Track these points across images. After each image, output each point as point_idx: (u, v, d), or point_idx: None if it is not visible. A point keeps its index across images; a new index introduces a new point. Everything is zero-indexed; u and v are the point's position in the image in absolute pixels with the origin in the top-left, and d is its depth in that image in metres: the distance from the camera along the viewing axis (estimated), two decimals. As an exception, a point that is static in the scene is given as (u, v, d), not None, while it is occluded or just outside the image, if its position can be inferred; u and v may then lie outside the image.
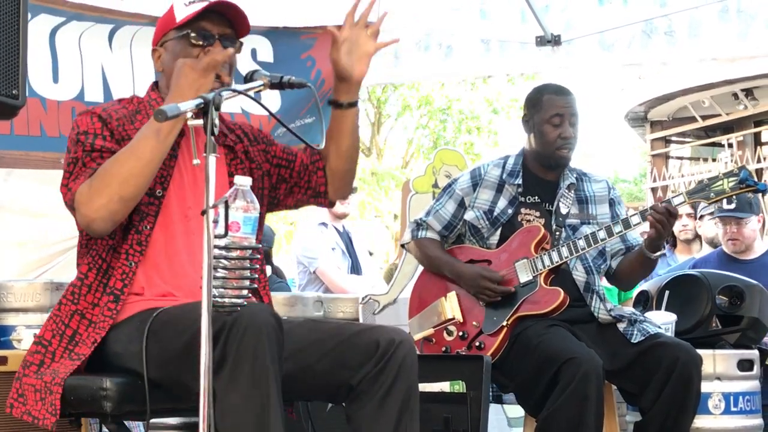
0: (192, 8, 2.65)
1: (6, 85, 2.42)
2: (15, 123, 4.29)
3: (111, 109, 2.65)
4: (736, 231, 5.11)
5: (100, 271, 2.57)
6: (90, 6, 4.52)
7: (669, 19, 5.17)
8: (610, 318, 3.59)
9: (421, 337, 3.70)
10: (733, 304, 4.19)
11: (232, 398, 2.23)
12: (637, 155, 21.66)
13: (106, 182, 2.47)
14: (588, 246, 3.58)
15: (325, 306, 4.69)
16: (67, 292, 2.59)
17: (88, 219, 2.48)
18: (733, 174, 3.49)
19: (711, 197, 3.53)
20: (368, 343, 2.49)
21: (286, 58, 5.05)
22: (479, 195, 3.76)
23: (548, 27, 5.30)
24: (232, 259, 2.25)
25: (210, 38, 2.65)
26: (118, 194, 2.46)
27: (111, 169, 2.48)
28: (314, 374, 2.51)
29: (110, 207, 2.47)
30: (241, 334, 2.24)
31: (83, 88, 4.51)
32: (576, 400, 3.24)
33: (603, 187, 3.83)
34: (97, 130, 2.57)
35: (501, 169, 3.79)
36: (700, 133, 14.32)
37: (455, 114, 18.31)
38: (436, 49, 5.54)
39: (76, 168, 2.55)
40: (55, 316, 2.58)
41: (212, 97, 2.24)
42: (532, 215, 3.71)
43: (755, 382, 4.09)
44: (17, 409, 2.52)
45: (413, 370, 2.51)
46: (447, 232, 3.81)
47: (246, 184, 2.28)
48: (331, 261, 5.60)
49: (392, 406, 2.45)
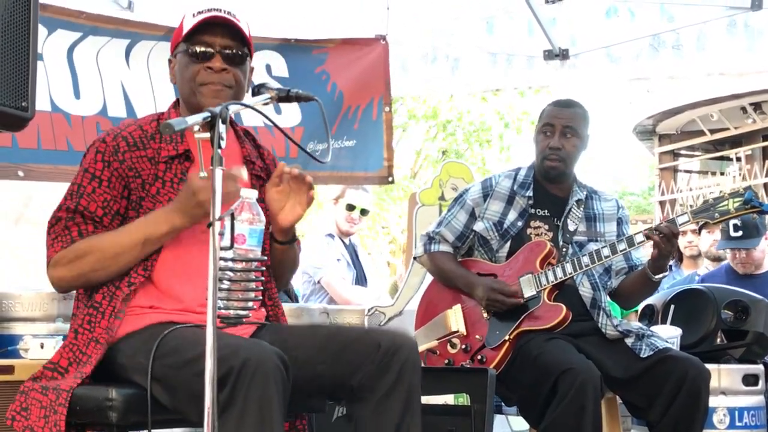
0: (195, 19, 2.65)
1: (15, 98, 2.43)
2: (42, 138, 4.40)
3: (125, 133, 2.66)
4: (745, 257, 5.13)
5: (114, 298, 2.59)
6: (105, 17, 4.58)
7: (677, 33, 5.19)
8: (618, 334, 3.60)
9: (425, 349, 3.71)
10: (739, 318, 4.19)
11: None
12: (646, 168, 21.61)
13: (77, 265, 2.58)
14: (592, 263, 3.58)
15: (330, 317, 4.68)
16: (83, 321, 2.59)
17: (53, 283, 2.64)
18: (738, 195, 3.49)
19: (716, 217, 3.52)
20: (370, 344, 2.51)
21: (300, 73, 5.10)
22: (489, 206, 3.76)
23: (555, 40, 5.32)
24: (237, 271, 2.26)
25: (210, 52, 2.64)
26: (85, 278, 2.60)
27: (86, 255, 2.57)
28: (315, 375, 2.53)
29: (73, 284, 2.64)
30: (248, 380, 2.25)
31: (105, 104, 4.60)
32: (573, 411, 3.24)
33: (612, 206, 3.83)
34: (97, 171, 2.61)
35: (512, 180, 3.79)
36: (709, 146, 14.30)
37: (466, 126, 18.28)
38: (443, 62, 5.56)
39: (57, 227, 2.61)
40: (72, 345, 2.59)
41: (219, 110, 2.25)
42: (541, 229, 3.72)
43: (760, 397, 4.09)
44: (19, 422, 2.51)
45: (416, 371, 2.52)
46: (460, 243, 3.81)
47: (252, 196, 2.29)
48: (336, 272, 5.61)
49: (395, 405, 2.46)
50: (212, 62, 2.64)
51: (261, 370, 2.26)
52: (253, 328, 2.67)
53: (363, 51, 5.28)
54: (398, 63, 5.46)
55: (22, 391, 2.55)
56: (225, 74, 2.64)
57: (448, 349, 3.71)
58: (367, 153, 5.30)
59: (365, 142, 5.28)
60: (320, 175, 5.37)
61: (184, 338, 2.44)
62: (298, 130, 5.07)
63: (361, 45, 5.29)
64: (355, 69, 5.28)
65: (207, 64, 2.64)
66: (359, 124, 5.25)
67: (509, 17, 5.40)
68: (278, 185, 2.65)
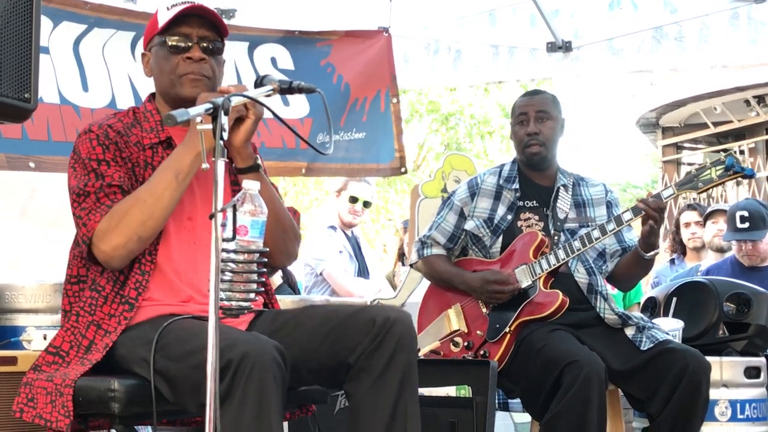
0: (172, 12, 2.68)
1: (18, 89, 2.44)
2: (51, 130, 4.42)
3: (106, 125, 2.68)
4: (751, 249, 5.12)
5: (117, 282, 2.60)
6: (109, 8, 4.60)
7: (679, 25, 5.19)
8: (617, 318, 3.61)
9: (428, 350, 3.73)
10: (741, 311, 4.19)
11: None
12: (649, 161, 21.62)
13: (125, 223, 2.52)
14: (583, 246, 3.60)
15: (333, 310, 4.70)
16: (85, 304, 2.59)
17: (107, 257, 2.54)
18: (720, 162, 3.51)
19: (699, 187, 3.54)
20: (365, 321, 2.51)
21: (306, 65, 5.13)
22: (478, 204, 3.79)
23: (558, 33, 5.32)
24: (239, 263, 2.27)
25: (188, 43, 2.68)
26: (137, 235, 2.53)
27: (130, 210, 2.52)
28: (314, 359, 2.54)
29: (129, 246, 2.53)
30: (247, 372, 2.26)
31: (114, 97, 4.63)
32: (578, 403, 3.25)
33: (600, 190, 3.86)
34: (99, 154, 2.61)
35: (497, 176, 3.83)
36: (712, 139, 14.29)
37: (467, 119, 18.29)
38: (445, 54, 5.57)
39: (88, 201, 2.57)
40: (72, 327, 2.59)
41: (221, 102, 2.26)
42: (531, 219, 3.74)
43: (762, 390, 4.09)
44: (27, 413, 2.52)
45: (412, 346, 2.53)
46: (451, 244, 3.84)
47: (254, 188, 2.30)
48: (338, 264, 5.62)
49: (392, 381, 2.47)
50: (191, 53, 2.67)
51: (259, 363, 2.27)
52: (251, 317, 2.69)
53: (366, 43, 5.30)
54: (401, 55, 5.47)
55: (25, 383, 2.56)
56: (203, 64, 2.68)
57: (451, 348, 3.72)
58: (378, 145, 5.33)
59: (375, 134, 5.30)
60: (332, 167, 5.40)
61: (184, 330, 2.46)
62: (307, 121, 5.09)
63: (364, 37, 5.30)
64: (360, 61, 5.29)
65: (186, 54, 2.67)
66: (368, 117, 5.27)
67: (512, 9, 5.40)
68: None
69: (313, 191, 16.58)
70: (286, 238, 2.78)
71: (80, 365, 2.52)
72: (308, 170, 5.25)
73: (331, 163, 5.25)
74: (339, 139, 5.16)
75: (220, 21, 2.73)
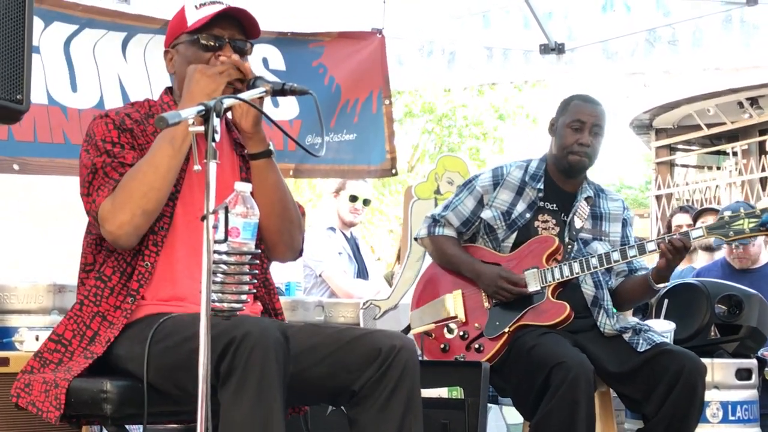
0: (203, 12, 2.67)
1: (10, 90, 2.44)
2: (38, 131, 4.39)
3: (124, 113, 2.68)
4: (742, 251, 5.13)
5: (124, 274, 2.60)
6: (101, 9, 4.59)
7: (672, 28, 5.21)
8: (615, 332, 3.60)
9: (421, 330, 3.71)
10: (732, 313, 4.20)
11: (236, 412, 2.25)
12: (642, 163, 21.64)
13: (128, 197, 2.51)
14: (600, 265, 3.59)
15: (326, 311, 4.70)
16: (89, 293, 2.59)
17: (114, 235, 2.53)
18: (755, 215, 3.50)
19: (730, 235, 3.54)
20: (370, 347, 2.50)
21: (298, 66, 5.11)
22: (499, 195, 3.75)
23: (551, 35, 5.33)
24: (231, 264, 2.27)
25: (221, 42, 2.68)
26: (141, 208, 2.51)
27: (131, 183, 2.52)
28: (314, 378, 2.52)
29: (134, 222, 2.52)
30: (249, 349, 2.25)
31: (102, 97, 4.60)
32: (566, 405, 3.25)
33: (618, 206, 3.84)
34: (114, 138, 2.60)
35: (523, 171, 3.78)
36: (705, 141, 14.33)
37: (460, 120, 18.31)
38: (439, 56, 5.58)
39: (97, 177, 2.57)
40: (76, 317, 2.59)
41: (213, 104, 2.26)
42: (549, 223, 3.72)
43: (753, 391, 4.11)
44: (23, 399, 2.53)
45: (415, 374, 2.52)
46: (465, 229, 3.80)
47: (246, 189, 2.30)
48: (337, 265, 5.61)
49: (396, 409, 2.47)
50: (224, 51, 2.67)
51: (262, 341, 2.26)
52: None
53: (360, 44, 5.29)
54: (394, 57, 5.48)
55: (29, 371, 2.56)
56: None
57: (444, 333, 3.70)
58: (369, 146, 5.31)
59: (366, 136, 5.29)
60: (322, 169, 5.38)
61: (180, 321, 2.46)
62: (296, 123, 5.08)
63: (357, 38, 5.30)
64: (353, 62, 5.29)
65: (218, 53, 2.67)
66: (359, 118, 5.26)
67: (505, 11, 5.42)
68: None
69: (306, 192, 16.58)
70: (293, 229, 2.76)
71: (83, 358, 2.53)
72: (296, 171, 5.24)
73: (321, 164, 5.24)
74: (329, 140, 5.15)
75: (255, 25, 2.72)
